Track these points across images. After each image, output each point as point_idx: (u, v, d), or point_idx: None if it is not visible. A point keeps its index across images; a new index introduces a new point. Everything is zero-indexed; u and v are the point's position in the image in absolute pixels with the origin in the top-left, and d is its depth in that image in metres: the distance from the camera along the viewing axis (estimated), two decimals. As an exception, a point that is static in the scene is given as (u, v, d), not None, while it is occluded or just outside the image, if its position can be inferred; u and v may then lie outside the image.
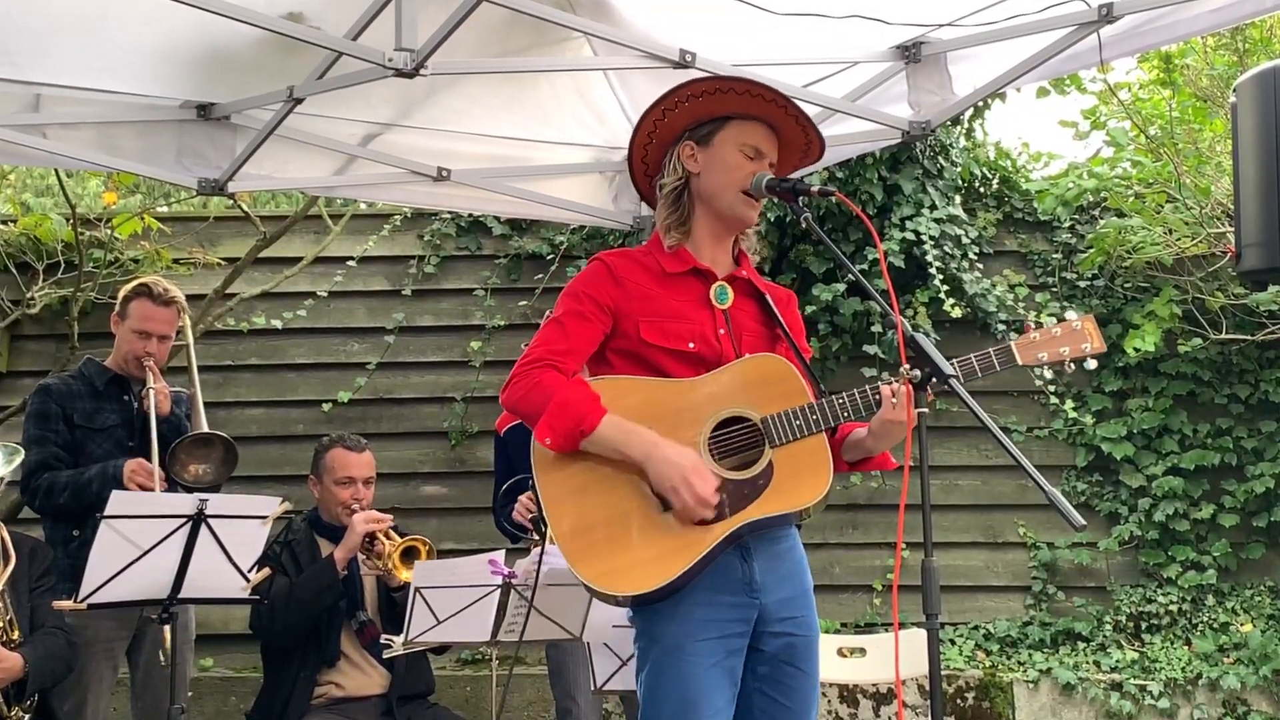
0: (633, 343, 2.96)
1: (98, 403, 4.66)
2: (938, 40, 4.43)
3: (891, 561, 6.79)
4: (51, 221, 6.85)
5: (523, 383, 2.89)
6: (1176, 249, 6.61)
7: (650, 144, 3.11)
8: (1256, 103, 4.02)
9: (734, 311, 3.06)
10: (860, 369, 6.76)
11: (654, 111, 3.05)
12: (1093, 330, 2.99)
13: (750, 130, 3.03)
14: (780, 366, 2.99)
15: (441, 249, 7.18)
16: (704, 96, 3.00)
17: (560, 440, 2.83)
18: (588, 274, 3.03)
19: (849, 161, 6.38)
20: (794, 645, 3.00)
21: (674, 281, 3.02)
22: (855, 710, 6.39)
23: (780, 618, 2.97)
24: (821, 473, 2.91)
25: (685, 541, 2.82)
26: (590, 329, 2.96)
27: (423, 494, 6.99)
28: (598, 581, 2.82)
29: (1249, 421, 6.83)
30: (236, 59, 4.32)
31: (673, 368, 2.95)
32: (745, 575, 2.93)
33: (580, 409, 2.83)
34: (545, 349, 2.93)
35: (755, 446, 2.92)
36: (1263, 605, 6.61)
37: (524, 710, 6.42)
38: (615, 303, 2.97)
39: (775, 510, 2.88)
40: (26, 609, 4.15)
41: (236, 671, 6.57)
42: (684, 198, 3.06)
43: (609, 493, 2.87)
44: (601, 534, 2.85)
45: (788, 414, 2.91)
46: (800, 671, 3.01)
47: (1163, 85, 7.00)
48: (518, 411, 2.92)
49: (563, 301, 3.01)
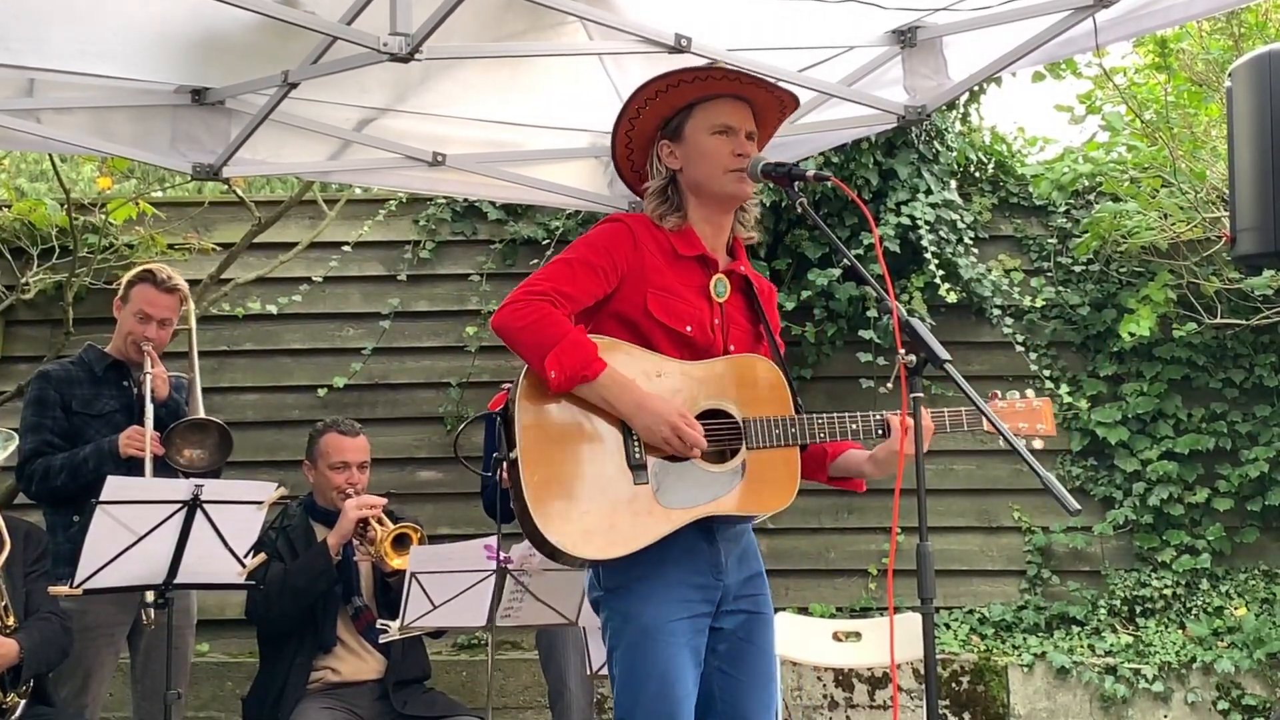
0: (634, 310, 2.96)
1: (97, 388, 4.66)
2: (933, 25, 4.42)
3: (886, 546, 6.81)
4: (46, 207, 6.84)
5: (527, 310, 2.82)
6: (1171, 234, 6.61)
7: (631, 154, 3.14)
8: (1251, 87, 4.02)
9: (728, 306, 3.07)
10: (855, 354, 6.76)
11: (622, 124, 3.09)
12: (1048, 414, 3.20)
13: (715, 110, 3.04)
14: (772, 373, 3.02)
15: (437, 234, 7.18)
16: (659, 96, 3.03)
17: (563, 377, 2.80)
18: (609, 230, 3.01)
19: (844, 146, 6.37)
20: (750, 623, 3.05)
21: (681, 264, 3.03)
22: (850, 694, 6.41)
23: (738, 596, 3.03)
24: (789, 485, 2.98)
25: (651, 519, 2.85)
26: (597, 283, 2.93)
27: (418, 479, 6.99)
28: (558, 538, 2.81)
29: (1243, 406, 6.84)
30: (231, 43, 4.31)
31: (663, 346, 2.96)
32: (712, 557, 2.97)
33: (588, 353, 2.82)
34: (552, 285, 2.87)
35: (732, 442, 2.95)
36: (1256, 589, 6.63)
37: (520, 694, 6.43)
38: (629, 266, 2.96)
39: (739, 510, 2.94)
40: (21, 594, 4.15)
41: (232, 656, 6.58)
42: (669, 192, 3.06)
43: (587, 453, 2.88)
44: (570, 492, 2.85)
45: (770, 421, 2.95)
46: (756, 648, 3.06)
47: (1158, 70, 6.99)
48: (514, 337, 2.84)
49: (578, 247, 2.97)
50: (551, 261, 2.97)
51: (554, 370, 2.79)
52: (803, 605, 6.75)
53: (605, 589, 2.96)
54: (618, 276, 2.95)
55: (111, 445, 4.43)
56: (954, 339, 6.68)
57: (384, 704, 4.61)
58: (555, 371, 2.79)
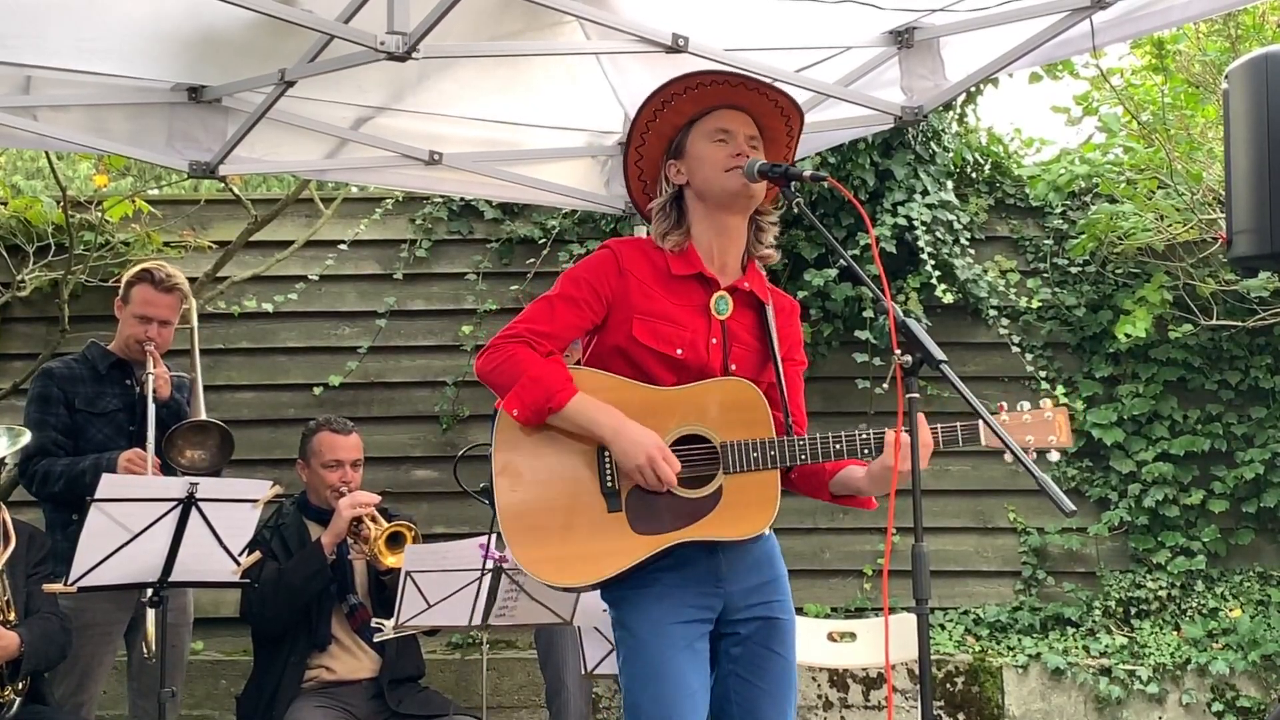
0: (622, 338, 2.97)
1: (99, 387, 4.66)
2: (931, 25, 4.42)
3: (881, 546, 6.81)
4: (42, 204, 6.82)
5: (497, 355, 2.92)
6: (1168, 235, 6.61)
7: (646, 185, 3.15)
8: (1248, 89, 4.01)
9: (731, 323, 3.05)
10: (851, 354, 6.76)
11: (630, 153, 3.10)
12: (1063, 424, 3.05)
13: (712, 119, 3.04)
14: (751, 395, 3.00)
15: (433, 233, 7.17)
16: (659, 116, 3.04)
17: (527, 412, 2.87)
18: (594, 261, 3.03)
19: (841, 147, 6.37)
20: (766, 628, 3.05)
21: (677, 284, 3.02)
22: (845, 694, 6.41)
23: (749, 604, 3.03)
24: (766, 509, 2.97)
25: (622, 545, 2.89)
26: (579, 317, 2.96)
27: (414, 478, 6.98)
28: (530, 566, 2.89)
29: (1239, 407, 6.84)
30: (228, 41, 4.30)
31: (656, 370, 2.97)
32: (711, 567, 2.97)
33: (552, 386, 2.86)
34: (526, 326, 2.94)
35: (709, 467, 2.95)
36: (1251, 591, 6.64)
37: (514, 693, 6.43)
38: (614, 295, 2.97)
39: (712, 535, 2.93)
40: (23, 594, 4.15)
41: (227, 655, 6.57)
42: (669, 208, 3.06)
43: (560, 482, 2.92)
44: (544, 519, 2.90)
45: (747, 444, 2.94)
46: (774, 654, 3.06)
47: (1155, 71, 7.00)
48: (488, 381, 2.95)
49: (561, 283, 3.01)
50: (534, 301, 3.03)
51: (516, 408, 2.88)
52: (798, 605, 6.69)
53: (607, 602, 3.02)
54: (602, 305, 2.97)
55: (111, 464, 4.42)
56: (950, 340, 6.68)
57: (378, 703, 4.61)
58: (517, 409, 2.88)
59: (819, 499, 3.19)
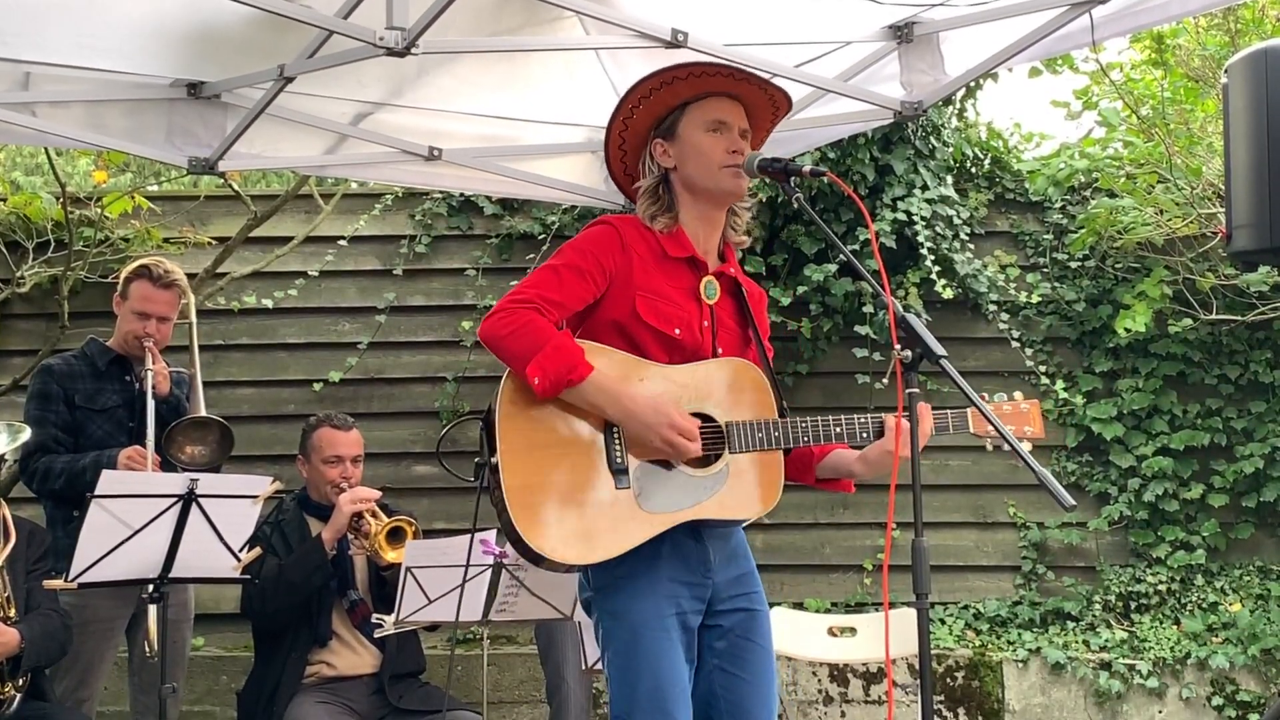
0: (623, 313, 2.94)
1: (99, 383, 4.66)
2: (930, 20, 4.42)
3: (882, 541, 6.81)
4: (41, 200, 6.81)
5: (512, 319, 2.82)
6: (1167, 229, 6.61)
7: (625, 155, 3.14)
8: (1247, 84, 4.01)
9: (717, 308, 3.06)
10: (851, 349, 6.76)
11: (616, 123, 3.09)
12: (1036, 416, 3.19)
13: (709, 107, 3.03)
14: (755, 376, 3.02)
15: (433, 228, 7.17)
16: (654, 94, 3.03)
17: (548, 383, 2.79)
18: (596, 234, 3.00)
19: (841, 142, 6.37)
20: (747, 620, 3.04)
21: (670, 265, 3.01)
22: (845, 689, 6.41)
23: (731, 594, 3.03)
24: (771, 491, 2.99)
25: (629, 524, 2.85)
26: (584, 288, 2.92)
27: (414, 474, 6.98)
28: (539, 544, 2.81)
29: (1239, 402, 6.85)
30: (227, 37, 4.30)
31: (652, 348, 2.95)
32: (700, 555, 2.96)
33: (573, 358, 2.81)
34: (537, 292, 2.86)
35: (715, 447, 2.94)
36: (1251, 585, 6.64)
37: (515, 689, 6.43)
38: (617, 269, 2.95)
39: (718, 515, 2.93)
40: (23, 591, 4.15)
41: (228, 650, 6.57)
42: (660, 190, 3.06)
43: (568, 458, 2.87)
44: (550, 496, 2.84)
45: (753, 425, 2.95)
46: (756, 645, 3.05)
47: (1155, 65, 6.99)
48: (500, 345, 2.82)
49: (565, 253, 2.96)
50: (538, 269, 2.96)
51: (537, 376, 2.78)
52: (798, 600, 6.76)
53: (595, 589, 2.96)
54: (606, 280, 2.94)
55: (111, 461, 4.42)
56: (950, 335, 6.68)
57: (379, 698, 4.62)
58: (539, 378, 2.79)
59: (803, 482, 3.18)
